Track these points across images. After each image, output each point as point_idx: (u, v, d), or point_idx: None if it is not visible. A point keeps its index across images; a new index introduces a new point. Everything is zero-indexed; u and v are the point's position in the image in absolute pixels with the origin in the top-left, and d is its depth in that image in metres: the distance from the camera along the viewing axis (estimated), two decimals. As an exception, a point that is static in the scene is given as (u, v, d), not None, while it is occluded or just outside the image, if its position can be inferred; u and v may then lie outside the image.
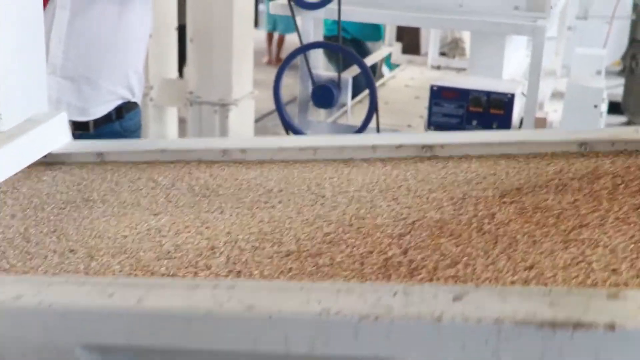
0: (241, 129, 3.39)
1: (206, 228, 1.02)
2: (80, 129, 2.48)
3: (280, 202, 1.08)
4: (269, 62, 8.30)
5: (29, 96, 2.00)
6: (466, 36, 4.17)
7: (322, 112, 3.08)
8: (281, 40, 8.51)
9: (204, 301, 0.81)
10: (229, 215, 1.06)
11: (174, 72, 3.61)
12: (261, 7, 8.19)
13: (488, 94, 2.62)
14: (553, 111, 3.34)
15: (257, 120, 5.55)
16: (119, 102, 2.53)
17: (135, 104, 2.60)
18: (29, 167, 1.25)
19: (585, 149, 1.14)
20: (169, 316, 0.80)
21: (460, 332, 0.74)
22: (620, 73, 5.63)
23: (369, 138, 1.22)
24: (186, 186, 1.16)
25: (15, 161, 1.19)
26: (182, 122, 3.73)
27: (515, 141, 1.15)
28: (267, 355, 0.79)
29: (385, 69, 4.70)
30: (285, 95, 2.76)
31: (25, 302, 0.83)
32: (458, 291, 0.78)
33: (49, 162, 1.28)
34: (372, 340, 0.76)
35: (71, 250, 1.00)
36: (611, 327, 0.71)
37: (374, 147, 1.16)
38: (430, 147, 1.16)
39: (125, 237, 1.02)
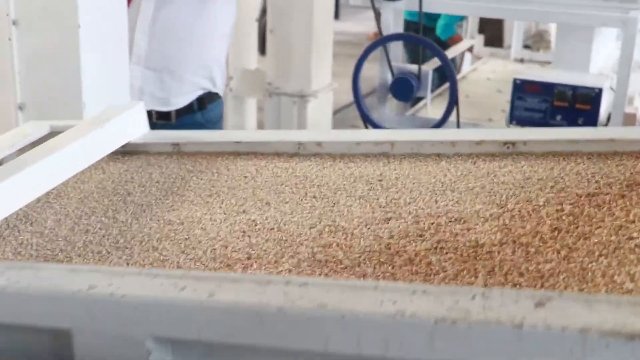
0: (319, 120, 3.38)
1: (284, 224, 1.01)
2: (162, 119, 2.51)
3: (361, 196, 1.06)
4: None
5: (112, 86, 2.04)
6: (552, 28, 4.05)
7: (401, 104, 3.04)
8: None
9: (276, 298, 0.79)
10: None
11: (254, 63, 3.62)
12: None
13: (574, 88, 2.52)
14: (644, 107, 3.20)
15: (335, 112, 5.53)
16: (200, 92, 2.55)
17: (217, 95, 2.62)
18: (108, 156, 1.26)
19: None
20: (239, 312, 0.79)
21: (543, 340, 0.70)
22: None
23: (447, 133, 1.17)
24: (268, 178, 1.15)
25: (94, 150, 1.20)
26: (260, 111, 3.74)
27: (606, 139, 1.09)
28: (339, 355, 0.77)
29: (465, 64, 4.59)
30: (364, 87, 2.72)
31: (98, 293, 0.84)
32: (541, 297, 0.74)
33: (127, 151, 1.29)
34: (448, 345, 0.73)
35: (152, 239, 1.01)
36: None
37: (452, 143, 1.12)
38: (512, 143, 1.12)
39: (204, 229, 1.02)
